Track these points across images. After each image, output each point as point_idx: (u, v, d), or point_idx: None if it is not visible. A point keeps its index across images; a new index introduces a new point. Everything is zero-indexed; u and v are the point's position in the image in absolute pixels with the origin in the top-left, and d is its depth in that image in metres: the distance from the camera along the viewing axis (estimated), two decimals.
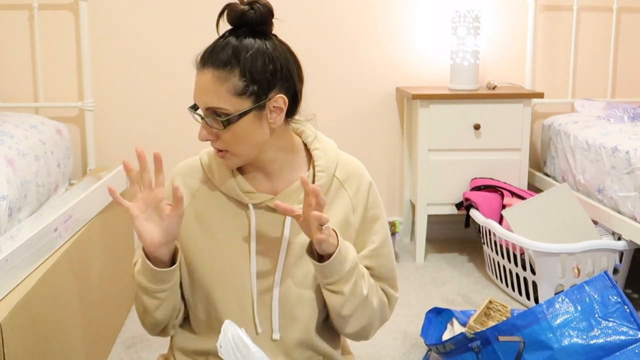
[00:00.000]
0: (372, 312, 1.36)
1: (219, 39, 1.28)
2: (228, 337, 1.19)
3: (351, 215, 1.37)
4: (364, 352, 2.31)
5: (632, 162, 2.57)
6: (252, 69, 1.24)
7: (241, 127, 1.26)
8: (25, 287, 1.67)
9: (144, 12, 3.25)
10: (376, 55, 3.40)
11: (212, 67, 1.25)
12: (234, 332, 1.19)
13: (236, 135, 1.26)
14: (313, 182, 1.35)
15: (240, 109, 1.24)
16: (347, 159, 1.41)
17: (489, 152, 3.17)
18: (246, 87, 1.24)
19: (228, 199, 1.35)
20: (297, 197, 1.34)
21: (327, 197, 1.35)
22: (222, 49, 1.25)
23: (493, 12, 3.43)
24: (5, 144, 2.24)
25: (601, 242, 2.67)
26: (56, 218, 1.99)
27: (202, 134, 1.28)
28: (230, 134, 1.26)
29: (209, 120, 1.26)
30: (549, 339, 1.87)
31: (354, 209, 1.37)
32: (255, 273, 1.32)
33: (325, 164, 1.36)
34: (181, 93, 3.28)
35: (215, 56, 1.25)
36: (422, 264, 3.23)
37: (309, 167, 1.37)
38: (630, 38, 3.53)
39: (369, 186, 1.40)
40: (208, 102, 1.25)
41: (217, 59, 1.25)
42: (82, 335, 2.06)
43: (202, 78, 1.26)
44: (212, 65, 1.25)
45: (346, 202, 1.37)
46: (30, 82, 3.22)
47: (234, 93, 1.24)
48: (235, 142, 1.27)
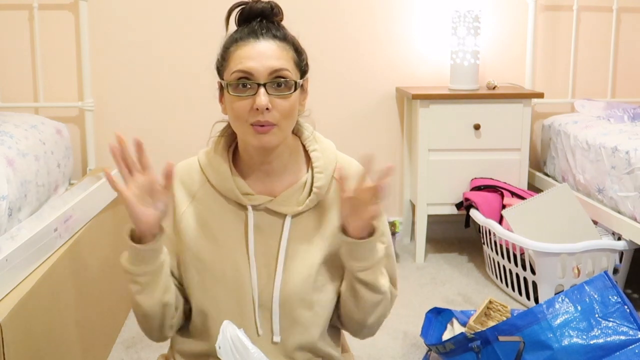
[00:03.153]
0: (388, 302, 1.39)
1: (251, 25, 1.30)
2: (227, 338, 1.19)
3: None
4: (364, 352, 2.31)
5: (632, 162, 2.57)
6: (298, 46, 1.32)
7: (294, 99, 1.29)
8: (25, 287, 1.67)
9: (144, 12, 3.25)
10: (376, 55, 3.40)
11: (271, 37, 1.28)
12: (232, 333, 1.19)
13: (291, 106, 1.28)
14: (311, 184, 1.35)
15: (297, 79, 1.29)
16: (347, 160, 1.41)
17: (489, 152, 3.17)
18: (299, 60, 1.31)
19: (227, 200, 1.34)
20: (297, 198, 1.33)
21: (327, 199, 1.35)
22: (268, 27, 1.30)
23: (493, 12, 3.43)
24: (5, 144, 2.24)
25: (601, 242, 2.67)
26: (56, 218, 1.98)
27: (264, 100, 1.24)
28: (289, 103, 1.27)
29: (273, 85, 1.26)
30: (549, 339, 1.87)
31: None
32: (255, 276, 1.32)
33: (323, 165, 1.36)
34: (181, 93, 3.29)
35: (270, 31, 1.28)
36: (422, 264, 3.22)
37: (308, 169, 1.37)
38: (630, 38, 3.53)
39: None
40: (275, 65, 1.26)
41: (274, 32, 1.29)
42: (82, 335, 2.06)
43: (262, 45, 1.27)
44: (271, 37, 1.28)
45: None
46: (30, 82, 3.22)
47: (294, 62, 1.29)
48: (287, 114, 1.28)
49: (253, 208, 1.33)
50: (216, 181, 1.34)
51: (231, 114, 1.30)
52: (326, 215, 1.35)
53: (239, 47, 1.27)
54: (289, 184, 1.35)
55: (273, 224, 1.33)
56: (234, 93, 1.26)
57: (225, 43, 1.31)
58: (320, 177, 1.34)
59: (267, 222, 1.33)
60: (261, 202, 1.33)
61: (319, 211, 1.35)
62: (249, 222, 1.33)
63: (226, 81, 1.28)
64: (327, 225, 1.35)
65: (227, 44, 1.30)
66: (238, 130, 1.31)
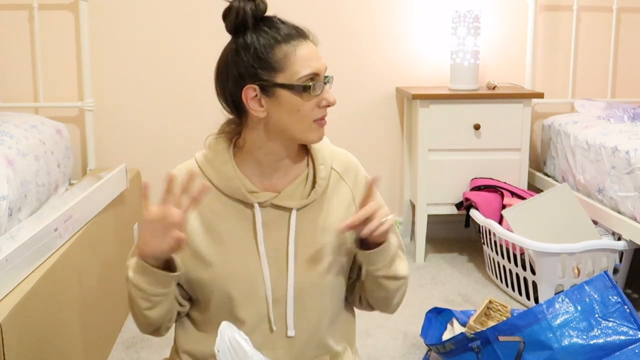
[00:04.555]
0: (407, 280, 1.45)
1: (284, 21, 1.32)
2: (225, 341, 1.18)
3: (352, 205, 1.40)
4: (363, 352, 2.31)
5: (632, 162, 2.57)
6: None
7: None
8: (25, 287, 1.67)
9: (144, 12, 3.25)
10: (376, 55, 3.40)
11: (311, 39, 1.32)
12: (230, 335, 1.18)
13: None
14: (314, 176, 1.37)
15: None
16: (341, 152, 1.45)
17: (489, 152, 3.17)
18: None
19: (230, 199, 1.34)
20: (301, 192, 1.35)
21: (327, 190, 1.38)
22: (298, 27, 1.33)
23: (493, 12, 3.43)
24: (5, 144, 2.24)
25: (601, 242, 2.67)
26: (56, 218, 1.98)
27: (334, 96, 1.33)
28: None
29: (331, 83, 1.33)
30: (549, 339, 1.87)
31: (355, 199, 1.41)
32: (268, 272, 1.33)
33: (322, 157, 1.38)
34: (181, 93, 3.29)
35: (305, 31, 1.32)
36: (422, 264, 3.23)
37: (307, 163, 1.39)
38: (630, 38, 3.53)
39: (364, 177, 1.44)
40: (325, 63, 1.33)
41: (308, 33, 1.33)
42: (82, 335, 2.06)
43: (311, 47, 1.32)
44: (311, 38, 1.33)
45: (346, 193, 1.40)
46: (30, 82, 3.22)
47: None
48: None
49: (259, 205, 1.34)
50: (219, 181, 1.34)
51: (295, 114, 1.29)
52: (329, 205, 1.38)
53: (297, 48, 1.28)
54: (292, 179, 1.37)
55: (279, 219, 1.35)
56: (313, 93, 1.29)
57: (267, 45, 1.28)
58: (322, 168, 1.37)
59: (273, 217, 1.35)
60: (266, 198, 1.34)
61: (321, 202, 1.38)
62: (256, 219, 1.33)
63: (293, 83, 1.28)
64: (331, 214, 1.38)
65: (273, 46, 1.28)
66: (295, 128, 1.31)
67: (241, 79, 1.29)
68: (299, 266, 1.34)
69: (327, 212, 1.37)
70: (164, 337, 1.46)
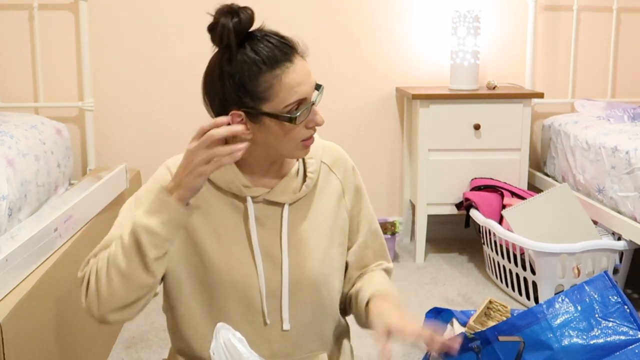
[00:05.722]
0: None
1: (270, 38, 1.27)
2: (220, 343, 1.17)
3: (342, 197, 1.43)
4: (363, 352, 2.31)
5: (632, 162, 2.57)
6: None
7: None
8: (25, 287, 1.67)
9: (144, 12, 3.25)
10: (376, 55, 3.40)
11: (299, 51, 1.27)
12: (225, 337, 1.18)
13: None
14: (304, 170, 1.38)
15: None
16: (329, 145, 1.46)
17: (489, 152, 3.17)
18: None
19: (224, 193, 1.35)
20: (292, 187, 1.36)
21: (318, 183, 1.39)
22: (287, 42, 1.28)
23: (493, 12, 3.43)
24: (5, 144, 2.24)
25: (601, 242, 2.67)
26: (56, 218, 1.98)
27: (322, 117, 1.29)
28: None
29: (322, 93, 1.29)
30: (549, 339, 1.87)
31: (345, 191, 1.43)
32: (261, 265, 1.33)
33: (312, 151, 1.38)
34: (181, 93, 3.29)
35: (293, 45, 1.27)
36: (422, 264, 3.23)
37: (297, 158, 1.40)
38: (630, 38, 3.53)
39: (352, 168, 1.46)
40: (314, 79, 1.28)
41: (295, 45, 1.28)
42: (82, 335, 2.06)
43: (299, 67, 1.25)
44: (299, 50, 1.27)
45: (336, 185, 1.43)
46: (30, 82, 3.23)
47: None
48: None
49: (252, 200, 1.34)
50: (214, 174, 1.34)
51: (282, 138, 1.26)
52: (320, 198, 1.40)
53: (282, 75, 1.22)
54: (283, 175, 1.37)
55: (272, 214, 1.35)
56: (301, 119, 1.24)
57: (251, 76, 1.23)
58: (311, 162, 1.38)
59: (265, 212, 1.35)
60: (259, 193, 1.34)
61: (312, 195, 1.39)
62: (249, 213, 1.34)
63: (279, 113, 1.23)
64: (322, 207, 1.39)
65: (257, 76, 1.23)
66: (282, 148, 1.29)
67: (227, 104, 1.26)
68: (292, 260, 1.35)
69: (318, 205, 1.39)
70: (164, 338, 1.45)
